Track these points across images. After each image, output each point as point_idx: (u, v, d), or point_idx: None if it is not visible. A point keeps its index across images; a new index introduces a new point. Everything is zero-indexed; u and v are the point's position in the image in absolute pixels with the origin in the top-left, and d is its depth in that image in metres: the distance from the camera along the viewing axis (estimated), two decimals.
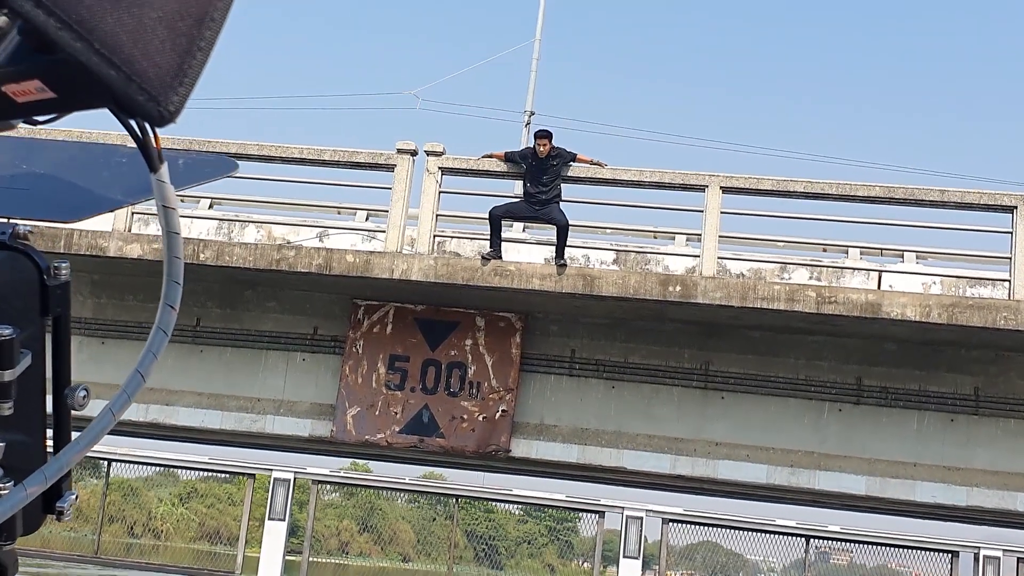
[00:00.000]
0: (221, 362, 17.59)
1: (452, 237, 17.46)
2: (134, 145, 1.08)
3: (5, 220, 1.42)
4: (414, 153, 16.21)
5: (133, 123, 1.02)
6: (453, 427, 16.72)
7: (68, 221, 1.73)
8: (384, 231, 16.28)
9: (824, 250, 17.15)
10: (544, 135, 15.67)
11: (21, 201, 1.66)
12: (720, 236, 15.59)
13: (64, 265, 1.37)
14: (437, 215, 16.10)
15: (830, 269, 16.79)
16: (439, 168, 16.06)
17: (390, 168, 16.16)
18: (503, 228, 16.27)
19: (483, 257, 15.59)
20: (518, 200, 15.92)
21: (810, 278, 16.57)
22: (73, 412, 1.37)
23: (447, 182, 16.44)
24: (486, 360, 16.80)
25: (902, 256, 17.06)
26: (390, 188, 16.08)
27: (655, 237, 17.44)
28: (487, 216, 15.81)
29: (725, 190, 15.55)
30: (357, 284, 16.33)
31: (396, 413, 16.85)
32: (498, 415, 16.70)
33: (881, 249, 17.14)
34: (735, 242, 17.20)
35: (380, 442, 16.80)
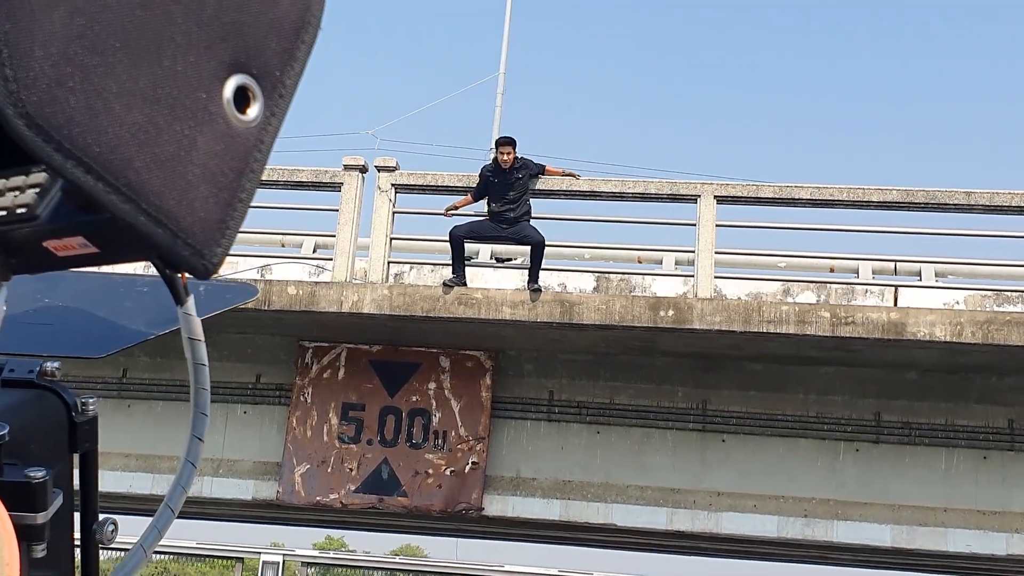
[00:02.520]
0: (151, 418, 15.41)
1: (411, 264, 15.39)
2: (154, 273, 1.11)
3: (31, 358, 1.44)
4: (363, 170, 14.20)
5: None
6: (417, 484, 14.56)
7: (94, 357, 1.74)
8: (332, 259, 14.20)
9: (831, 269, 15.16)
10: (507, 143, 13.69)
11: (46, 337, 1.70)
12: (717, 252, 13.59)
13: (92, 400, 1.40)
14: (392, 238, 14.05)
15: (840, 290, 14.80)
16: (392, 185, 14.05)
17: (336, 187, 14.13)
18: (469, 252, 14.24)
19: (445, 284, 13.55)
20: (482, 219, 13.89)
21: (817, 301, 14.57)
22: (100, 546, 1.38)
23: (402, 202, 14.42)
24: (452, 406, 14.69)
25: (919, 274, 15.09)
26: (337, 210, 14.04)
27: (639, 262, 15.41)
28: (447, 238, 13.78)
29: (720, 200, 13.59)
30: (302, 322, 14.23)
31: (351, 470, 14.68)
32: (468, 468, 14.56)
33: (896, 263, 15.16)
34: (731, 265, 15.19)
35: (333, 503, 14.61)
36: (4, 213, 1.02)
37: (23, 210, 1.02)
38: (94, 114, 0.88)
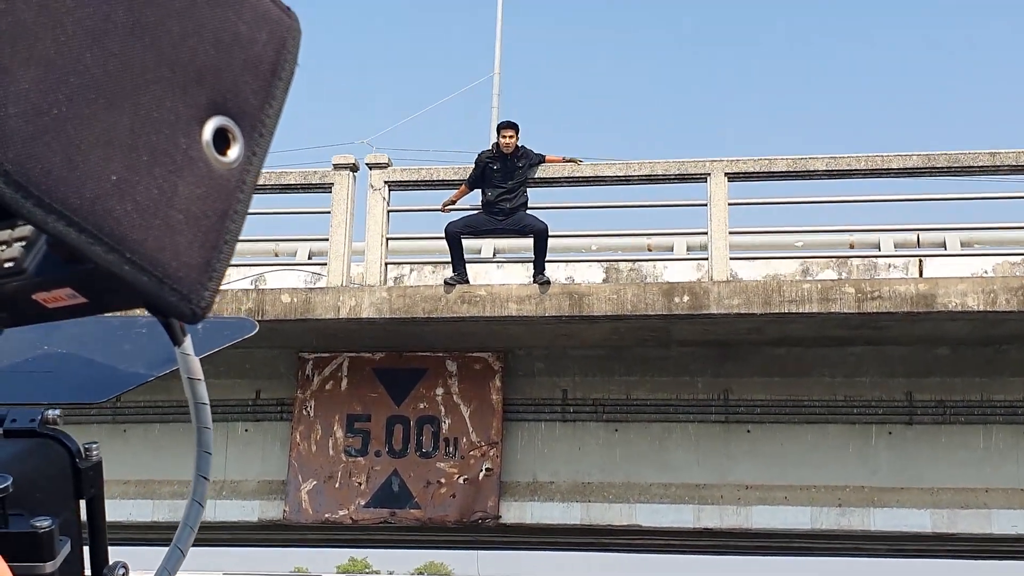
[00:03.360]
0: (148, 441, 14.72)
1: (410, 264, 14.69)
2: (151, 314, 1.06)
3: (33, 406, 1.45)
4: (354, 168, 13.51)
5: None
6: (430, 494, 13.85)
7: (95, 402, 1.75)
8: (326, 263, 13.50)
9: (851, 245, 14.44)
10: (509, 126, 12.97)
11: (46, 385, 1.71)
12: (731, 233, 12.87)
13: (95, 446, 1.41)
14: (388, 239, 13.35)
15: (862, 266, 14.08)
16: (385, 183, 13.35)
17: (327, 188, 13.44)
18: (471, 249, 13.54)
19: (446, 283, 12.84)
20: (477, 212, 13.17)
21: (839, 278, 13.83)
22: None
23: (398, 200, 13.73)
24: (462, 411, 13.99)
25: (944, 245, 14.36)
26: (329, 212, 13.35)
27: (649, 249, 14.69)
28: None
29: (732, 177, 12.88)
30: (299, 332, 13.53)
31: (360, 484, 13.98)
32: (482, 475, 13.85)
33: (919, 233, 14.42)
34: (746, 247, 14.46)
35: (343, 520, 13.90)
36: None
37: (10, 264, 1.04)
38: (72, 166, 0.89)
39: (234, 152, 0.98)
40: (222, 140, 0.97)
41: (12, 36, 0.85)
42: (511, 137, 12.87)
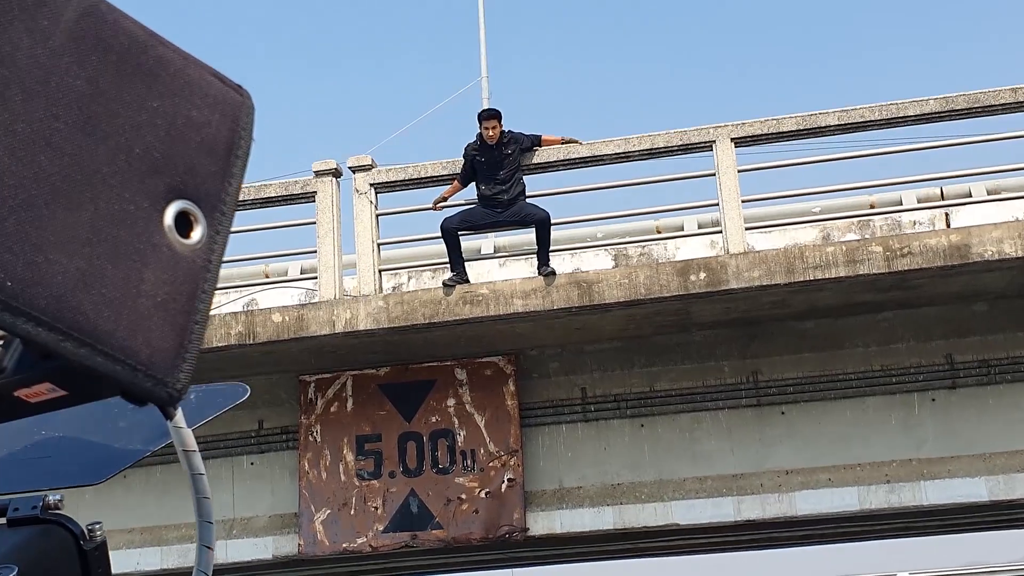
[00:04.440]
0: (151, 485, 13.88)
1: (407, 269, 13.86)
2: None
3: (34, 493, 1.48)
4: (337, 174, 12.71)
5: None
6: (451, 513, 13.01)
7: (94, 483, 1.77)
8: (316, 276, 12.69)
9: (872, 205, 13.58)
10: (490, 115, 12.14)
11: (45, 470, 1.73)
12: (743, 201, 12.03)
13: (98, 526, 1.46)
14: (379, 244, 12.54)
15: (885, 226, 13.22)
16: (371, 185, 12.54)
17: (310, 198, 12.64)
18: (469, 247, 12.71)
19: (445, 285, 12.03)
20: (473, 206, 12.35)
21: (863, 238, 12.98)
22: None
23: (387, 203, 12.92)
24: (477, 421, 13.16)
25: (969, 194, 13.49)
26: (315, 222, 12.55)
27: (658, 231, 13.85)
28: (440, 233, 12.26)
29: (738, 142, 12.05)
30: (297, 353, 12.73)
31: (376, 508, 13.14)
32: (504, 487, 13.01)
33: (942, 186, 13.55)
34: (759, 219, 13.60)
35: (362, 548, 13.06)
36: None
37: None
38: (35, 267, 0.90)
39: (197, 233, 0.99)
40: (184, 223, 0.98)
41: None
42: (494, 128, 12.05)
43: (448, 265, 13.21)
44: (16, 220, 0.88)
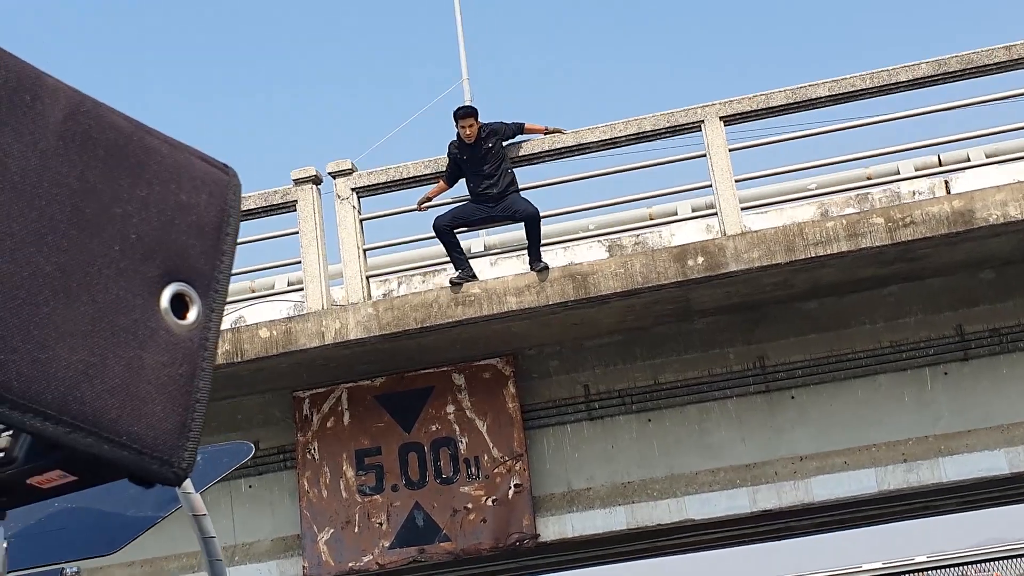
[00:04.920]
0: None
1: (396, 273, 13.47)
2: None
3: (52, 567, 1.64)
4: (317, 181, 12.33)
5: None
6: (458, 523, 12.60)
7: (108, 554, 1.98)
8: (302, 288, 12.30)
9: (868, 178, 13.20)
10: (465, 114, 11.74)
11: (62, 543, 1.86)
12: (737, 180, 11.66)
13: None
14: (364, 250, 12.14)
15: (884, 198, 12.84)
16: (352, 190, 12.16)
17: (291, 207, 12.26)
18: (467, 247, 12.31)
19: (452, 283, 11.62)
20: (465, 203, 11.97)
21: (863, 211, 12.60)
22: None
23: (370, 207, 12.53)
24: (478, 426, 12.76)
25: (967, 158, 13.12)
26: (297, 232, 12.16)
27: (651, 218, 13.47)
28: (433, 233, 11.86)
29: (727, 120, 11.68)
30: (288, 368, 12.34)
31: (381, 524, 12.74)
32: (511, 493, 12.60)
33: (939, 153, 13.18)
34: (754, 199, 13.21)
35: (369, 566, 12.65)
36: None
37: (1, 454, 1.07)
38: (40, 364, 0.91)
39: (193, 314, 1.01)
40: (180, 305, 1.01)
41: None
42: (470, 126, 11.65)
43: (443, 267, 12.88)
44: (17, 320, 0.89)
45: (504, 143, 11.79)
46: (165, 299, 0.99)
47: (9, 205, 0.91)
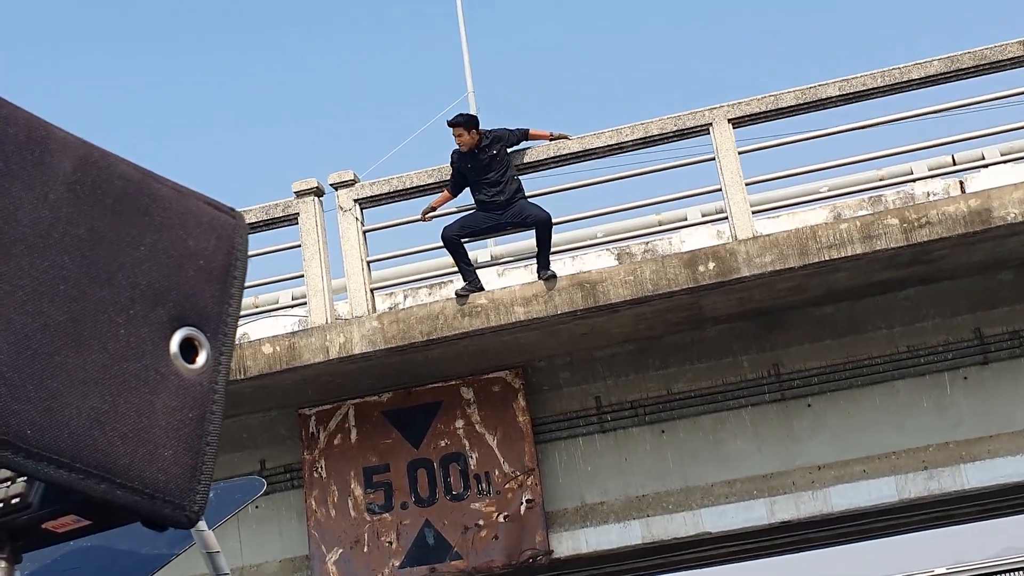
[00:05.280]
0: None
1: (402, 285, 13.23)
2: None
3: None
4: (319, 193, 12.10)
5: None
6: (470, 541, 12.33)
7: None
8: (305, 303, 12.06)
9: (881, 179, 12.94)
10: (454, 123, 11.45)
11: None
12: (747, 184, 11.41)
13: None
14: (368, 262, 11.91)
15: (897, 201, 12.57)
16: (355, 201, 11.93)
17: (292, 220, 12.03)
18: (474, 258, 12.05)
19: (458, 296, 11.37)
20: (473, 211, 11.71)
21: (877, 212, 12.33)
22: None
23: (373, 219, 12.31)
24: (488, 441, 12.50)
25: (982, 157, 12.85)
26: (300, 246, 11.93)
27: (660, 224, 13.21)
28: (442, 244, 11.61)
29: (736, 122, 11.44)
30: (293, 385, 12.09)
31: (390, 543, 12.47)
32: (523, 509, 12.33)
33: (953, 152, 12.91)
34: (764, 204, 12.95)
35: None
36: (1, 505, 1.10)
37: (16, 500, 1.09)
38: (52, 413, 0.92)
39: (202, 357, 1.04)
40: (189, 349, 1.02)
41: None
42: (460, 135, 11.38)
43: (450, 279, 12.65)
44: (30, 370, 0.90)
45: (508, 150, 11.55)
46: (175, 344, 1.00)
47: (21, 257, 0.90)
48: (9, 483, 1.10)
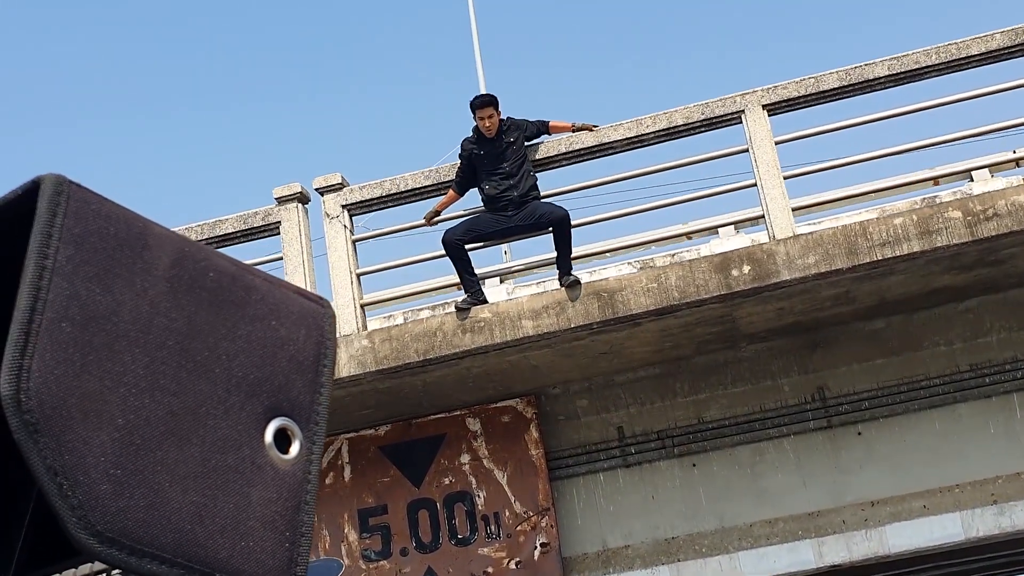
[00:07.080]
0: None
1: (399, 300, 11.91)
2: None
3: None
4: (303, 199, 10.82)
5: None
6: None
7: None
8: None
9: (936, 183, 11.57)
10: (485, 103, 10.20)
11: None
12: (786, 178, 10.06)
13: None
14: (358, 274, 10.60)
15: (956, 198, 11.21)
16: (343, 207, 10.64)
17: (274, 229, 10.75)
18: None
19: (458, 309, 10.03)
20: (478, 213, 10.39)
21: (936, 204, 10.96)
22: None
23: (363, 226, 11.02)
24: (497, 477, 11.14)
25: None
26: (282, 258, 10.64)
27: (688, 238, 11.86)
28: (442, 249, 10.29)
29: (771, 109, 10.13)
30: None
31: None
32: (537, 554, 10.93)
33: (1015, 148, 11.56)
34: (804, 208, 11.59)
35: None
36: None
37: None
38: (155, 508, 0.92)
39: (295, 448, 1.00)
40: (283, 440, 1.00)
41: (83, 408, 0.88)
42: (491, 116, 10.14)
43: (453, 297, 11.32)
44: (133, 466, 0.90)
45: (526, 143, 10.28)
46: (269, 435, 0.97)
47: (123, 353, 0.91)
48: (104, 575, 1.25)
